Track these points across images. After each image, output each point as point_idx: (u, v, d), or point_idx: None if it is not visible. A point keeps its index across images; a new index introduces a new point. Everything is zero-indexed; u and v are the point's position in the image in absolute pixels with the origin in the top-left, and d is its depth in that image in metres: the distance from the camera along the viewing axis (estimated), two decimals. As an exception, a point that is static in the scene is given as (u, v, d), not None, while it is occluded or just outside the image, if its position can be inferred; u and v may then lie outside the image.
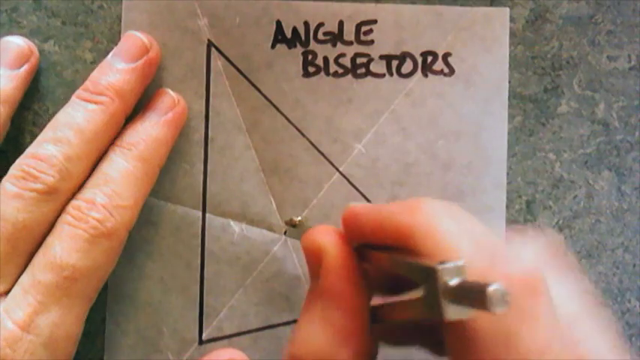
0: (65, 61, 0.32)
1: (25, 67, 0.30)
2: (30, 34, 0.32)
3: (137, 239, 0.31)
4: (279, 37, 0.32)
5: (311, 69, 0.32)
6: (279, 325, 0.31)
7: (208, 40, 0.32)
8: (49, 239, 0.27)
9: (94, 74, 0.30)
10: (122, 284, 0.31)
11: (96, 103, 0.28)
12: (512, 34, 0.32)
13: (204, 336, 0.31)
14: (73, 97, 0.29)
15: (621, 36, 0.32)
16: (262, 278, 0.31)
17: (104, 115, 0.28)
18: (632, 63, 0.32)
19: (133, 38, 0.30)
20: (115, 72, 0.29)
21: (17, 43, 0.30)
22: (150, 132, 0.29)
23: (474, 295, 0.17)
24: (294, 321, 0.31)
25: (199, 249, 0.31)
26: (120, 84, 0.29)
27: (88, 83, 0.29)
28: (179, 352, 0.31)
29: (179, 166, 0.31)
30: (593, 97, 0.32)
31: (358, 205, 0.25)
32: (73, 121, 0.28)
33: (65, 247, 0.26)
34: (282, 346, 0.31)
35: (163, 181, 0.31)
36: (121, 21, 0.31)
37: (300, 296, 0.31)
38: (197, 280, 0.31)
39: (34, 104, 0.31)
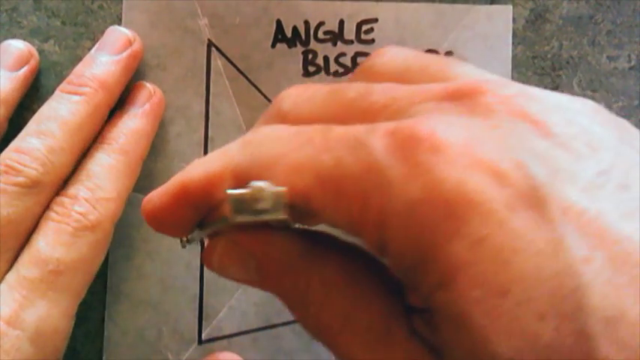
0: (65, 61, 0.32)
1: (25, 69, 0.30)
2: (30, 34, 0.32)
3: (137, 239, 0.31)
4: (280, 37, 0.32)
5: (311, 68, 0.32)
6: (278, 325, 0.31)
7: (208, 39, 0.32)
8: (34, 237, 0.27)
9: (78, 67, 0.30)
10: (121, 284, 0.31)
11: (80, 94, 0.29)
12: (513, 33, 0.32)
13: (204, 336, 0.31)
14: (57, 91, 0.29)
15: (621, 36, 0.32)
16: (262, 278, 0.31)
17: (88, 106, 0.28)
18: (632, 63, 0.32)
19: (117, 32, 0.31)
20: (99, 64, 0.29)
21: (17, 46, 0.31)
22: (129, 125, 0.30)
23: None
24: (294, 321, 0.31)
25: (199, 249, 0.31)
26: (104, 76, 0.29)
27: (71, 76, 0.29)
28: (178, 351, 0.31)
29: (179, 166, 0.31)
30: (593, 97, 0.32)
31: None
32: (57, 114, 0.28)
33: (49, 242, 0.26)
34: (282, 347, 0.31)
35: (163, 181, 0.31)
36: (121, 21, 0.31)
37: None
38: (197, 279, 0.31)
39: (34, 104, 0.31)
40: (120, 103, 0.30)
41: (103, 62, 0.29)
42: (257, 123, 0.22)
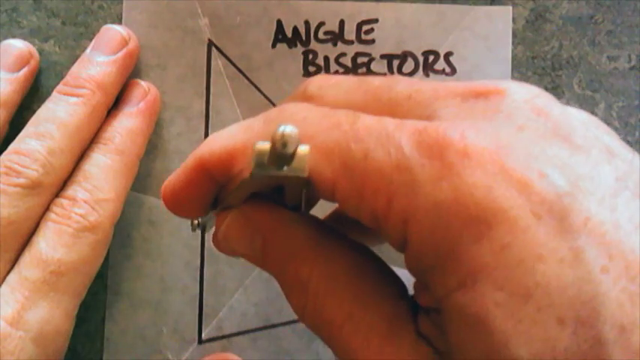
0: (65, 61, 0.32)
1: (25, 70, 0.30)
2: (30, 34, 0.32)
3: (137, 239, 0.31)
4: (280, 37, 0.32)
5: (311, 68, 0.32)
6: (278, 324, 0.31)
7: (209, 39, 0.32)
8: (34, 238, 0.27)
9: (74, 68, 0.30)
10: (122, 284, 0.31)
11: (77, 96, 0.29)
12: (513, 34, 0.32)
13: (204, 335, 0.31)
14: (54, 93, 0.29)
15: (621, 36, 0.32)
16: (262, 278, 0.31)
17: (86, 107, 0.28)
18: (632, 63, 0.32)
19: (111, 31, 0.30)
20: (95, 65, 0.29)
21: (17, 46, 0.31)
22: (124, 124, 0.30)
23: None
24: (294, 321, 0.31)
25: (199, 248, 0.31)
26: (100, 76, 0.29)
27: (68, 77, 0.29)
28: (178, 351, 0.31)
29: (179, 166, 0.31)
30: (593, 97, 0.32)
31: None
32: (55, 115, 0.28)
33: (50, 243, 0.27)
34: (282, 347, 0.31)
35: (163, 181, 0.31)
36: (121, 21, 0.31)
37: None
38: (197, 279, 0.31)
39: (34, 104, 0.31)
40: (115, 102, 0.30)
41: (99, 62, 0.29)
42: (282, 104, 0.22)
